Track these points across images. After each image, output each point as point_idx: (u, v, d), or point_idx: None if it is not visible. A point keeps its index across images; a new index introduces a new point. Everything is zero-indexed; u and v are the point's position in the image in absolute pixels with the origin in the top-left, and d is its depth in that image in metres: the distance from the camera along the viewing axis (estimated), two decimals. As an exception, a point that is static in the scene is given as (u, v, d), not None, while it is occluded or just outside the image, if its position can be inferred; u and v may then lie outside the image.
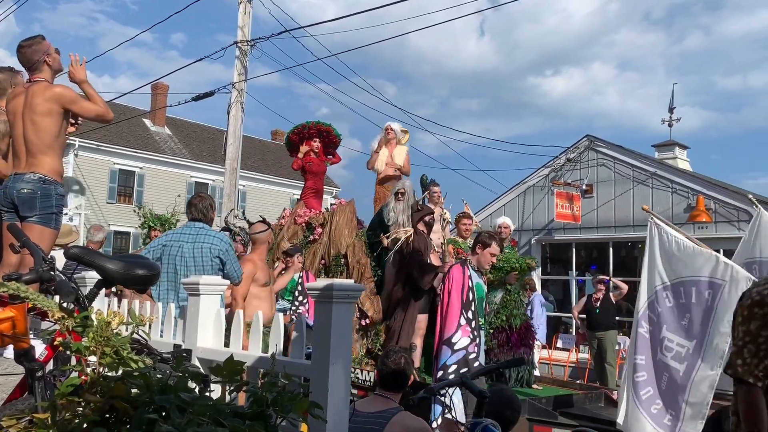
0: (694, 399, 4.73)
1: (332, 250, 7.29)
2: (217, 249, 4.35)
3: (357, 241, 7.34)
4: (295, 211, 8.18)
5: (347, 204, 7.73)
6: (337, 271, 7.24)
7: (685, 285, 4.95)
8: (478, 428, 2.53)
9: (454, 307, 4.79)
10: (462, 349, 4.63)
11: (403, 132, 8.33)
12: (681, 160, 13.25)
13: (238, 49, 12.20)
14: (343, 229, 7.37)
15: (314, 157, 8.32)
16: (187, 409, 1.33)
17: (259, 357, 2.54)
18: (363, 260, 7.09)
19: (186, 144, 31.07)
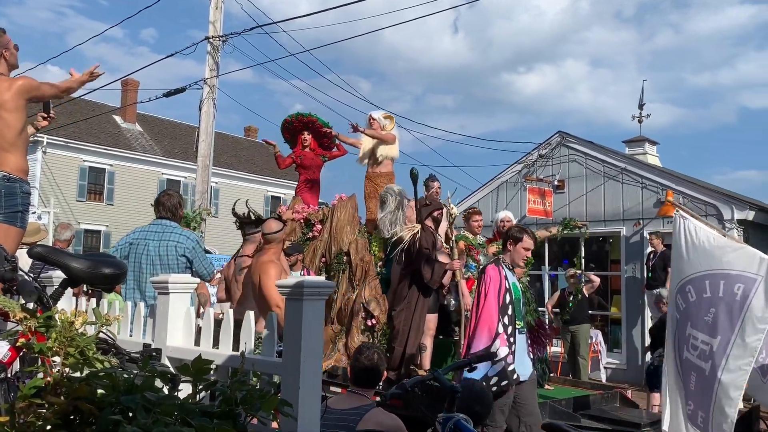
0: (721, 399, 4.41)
1: (333, 248, 7.03)
2: (183, 247, 4.27)
3: (360, 237, 7.05)
4: (293, 206, 7.88)
5: (348, 199, 7.36)
6: (339, 269, 6.96)
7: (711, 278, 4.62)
8: (450, 423, 2.54)
9: (491, 311, 4.30)
10: (501, 360, 4.20)
11: (387, 118, 7.77)
12: (651, 155, 13.44)
13: (209, 45, 12.07)
14: (344, 226, 7.08)
15: (307, 151, 7.98)
16: (153, 409, 1.32)
17: (230, 356, 2.52)
18: (367, 258, 6.85)
19: (157, 141, 30.68)
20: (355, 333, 6.46)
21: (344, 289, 6.83)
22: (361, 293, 6.58)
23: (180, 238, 4.31)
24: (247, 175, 31.68)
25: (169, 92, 12.97)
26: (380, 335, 6.46)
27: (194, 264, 4.29)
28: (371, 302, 6.52)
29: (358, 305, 6.54)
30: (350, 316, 6.62)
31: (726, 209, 9.66)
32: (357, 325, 6.50)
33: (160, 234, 4.31)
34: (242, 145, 35.44)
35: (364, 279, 6.71)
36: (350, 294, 6.76)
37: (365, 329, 6.53)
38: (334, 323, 6.81)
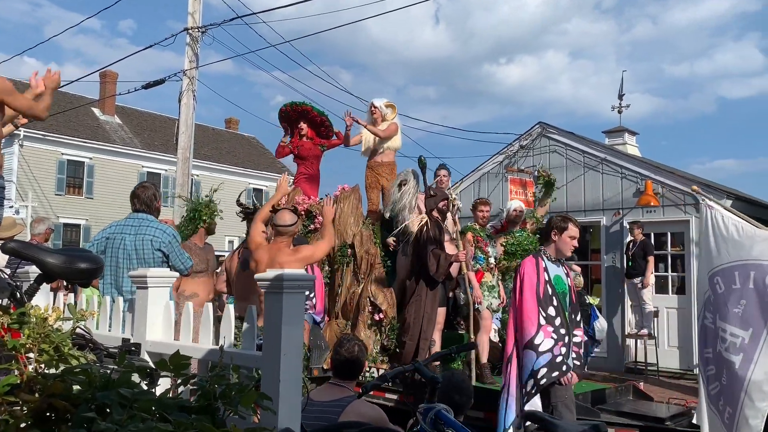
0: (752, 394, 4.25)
1: (337, 240, 6.77)
2: (158, 241, 4.20)
3: (364, 229, 6.88)
4: (292, 198, 7.51)
5: (352, 190, 7.14)
6: (343, 262, 6.79)
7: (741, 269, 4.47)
8: (431, 413, 2.55)
9: (528, 305, 4.13)
10: (547, 351, 4.02)
11: (389, 107, 7.51)
12: (630, 146, 13.54)
13: (188, 36, 11.95)
14: (348, 218, 6.89)
15: (305, 141, 7.71)
16: (129, 405, 1.31)
17: (210, 350, 2.50)
18: (372, 250, 6.67)
19: (137, 133, 30.36)
20: (362, 328, 6.29)
21: (349, 282, 6.67)
22: (367, 287, 6.41)
23: (156, 232, 4.24)
24: (228, 167, 31.47)
25: (149, 84, 12.82)
26: (388, 330, 6.29)
27: (170, 258, 4.23)
28: (378, 296, 6.35)
29: (364, 299, 6.37)
30: (356, 310, 6.45)
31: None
32: (363, 319, 6.33)
33: (137, 228, 4.25)
34: (223, 137, 35.18)
35: (370, 272, 6.55)
36: (355, 288, 6.59)
37: (372, 324, 6.37)
38: (338, 318, 6.63)
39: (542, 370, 3.99)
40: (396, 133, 7.33)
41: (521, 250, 6.99)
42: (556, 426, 2.66)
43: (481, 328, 6.28)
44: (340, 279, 6.76)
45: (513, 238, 7.18)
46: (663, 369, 9.64)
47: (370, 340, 6.25)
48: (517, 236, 7.21)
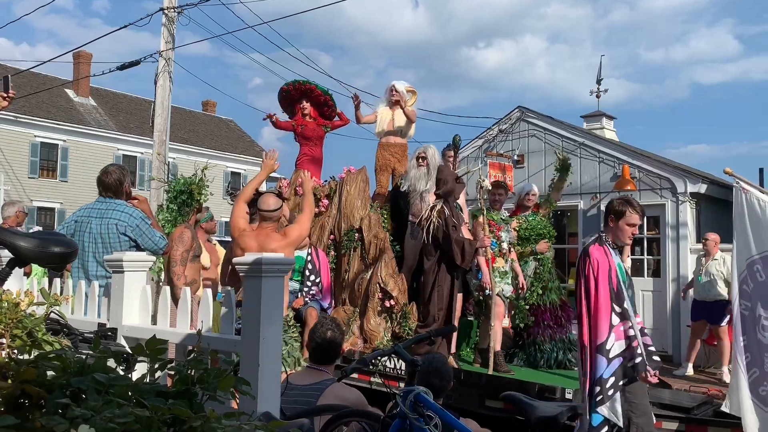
0: None
1: (343, 224, 6.58)
2: (124, 225, 4.07)
3: (373, 213, 6.60)
4: (296, 180, 7.21)
5: (358, 172, 6.86)
6: (350, 247, 6.54)
7: None
8: (410, 395, 2.56)
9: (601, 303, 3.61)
10: (618, 356, 3.56)
11: (410, 92, 7.17)
12: (608, 130, 13.64)
13: (164, 16, 11.74)
14: (355, 201, 6.61)
15: (309, 121, 7.43)
16: (104, 391, 1.29)
17: (188, 334, 2.48)
18: (381, 235, 6.41)
19: (112, 115, 29.89)
20: (371, 315, 6.12)
21: (356, 267, 6.48)
22: (377, 272, 6.18)
23: (122, 215, 4.10)
24: (205, 150, 31.13)
25: (124, 65, 12.61)
26: (399, 317, 6.08)
27: (139, 242, 4.10)
28: (389, 282, 6.13)
29: (374, 285, 6.16)
30: (364, 296, 6.25)
31: (679, 182, 9.89)
32: (373, 306, 6.14)
33: (103, 212, 4.12)
34: (200, 119, 34.78)
35: (379, 257, 6.30)
36: (363, 273, 6.40)
37: (382, 310, 6.15)
38: (346, 304, 6.45)
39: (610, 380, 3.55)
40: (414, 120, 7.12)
41: (535, 235, 6.78)
42: (532, 407, 2.69)
43: (493, 315, 6.11)
44: (346, 264, 6.57)
45: (526, 222, 6.89)
46: (638, 351, 9.81)
47: (380, 327, 6.08)
48: (530, 220, 6.93)
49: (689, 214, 9.80)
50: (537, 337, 6.48)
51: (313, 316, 5.62)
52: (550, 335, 6.48)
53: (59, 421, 1.13)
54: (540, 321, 6.50)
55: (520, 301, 6.46)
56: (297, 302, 5.84)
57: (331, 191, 6.90)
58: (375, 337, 6.02)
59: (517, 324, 6.56)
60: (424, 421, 2.51)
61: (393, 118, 7.01)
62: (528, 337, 6.52)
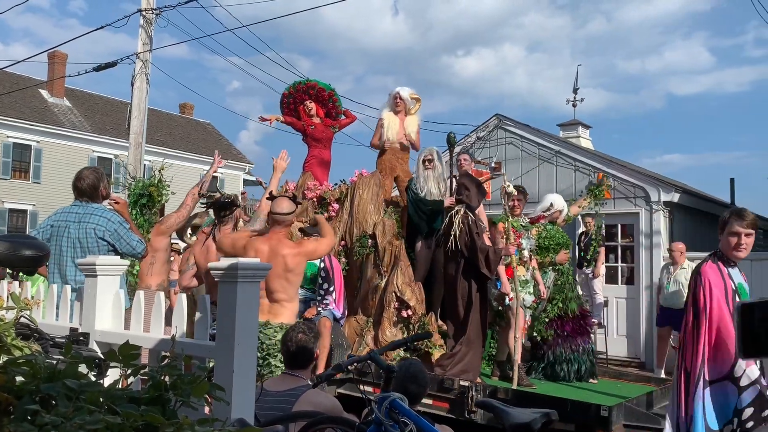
0: None
1: (355, 230, 6.30)
2: (102, 230, 4.02)
3: (387, 218, 6.31)
4: (304, 183, 6.97)
5: (371, 175, 6.59)
6: (362, 253, 6.23)
7: None
8: (385, 402, 2.56)
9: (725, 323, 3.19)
10: (752, 383, 3.13)
11: (414, 99, 7.00)
12: (584, 139, 13.79)
13: (142, 18, 11.64)
14: (368, 205, 6.34)
15: (318, 122, 7.22)
16: (75, 397, 1.27)
17: (161, 339, 2.46)
18: (396, 241, 6.13)
19: (87, 117, 29.49)
20: (387, 325, 5.83)
21: (369, 275, 6.21)
22: (393, 280, 5.91)
23: (99, 220, 4.04)
24: (182, 153, 30.86)
25: (100, 66, 12.46)
26: (417, 327, 5.77)
27: (117, 247, 4.05)
28: (405, 291, 5.84)
29: (389, 294, 5.90)
30: (379, 306, 5.99)
31: (653, 191, 10.03)
32: (389, 316, 5.87)
33: (81, 216, 4.06)
34: (177, 122, 34.47)
35: (395, 265, 6.01)
36: (377, 281, 6.11)
37: (398, 321, 5.86)
38: (358, 314, 6.18)
39: (748, 410, 3.12)
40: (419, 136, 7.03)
41: (554, 244, 6.55)
42: (507, 413, 2.70)
43: (512, 326, 5.91)
44: (358, 271, 6.30)
45: (545, 231, 6.63)
46: (612, 357, 9.90)
47: (397, 338, 5.75)
48: (549, 229, 6.66)
49: (662, 222, 9.94)
50: (556, 349, 6.28)
51: (326, 326, 5.39)
52: (571, 347, 6.28)
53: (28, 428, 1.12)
54: (561, 332, 6.29)
55: (541, 314, 6.24)
56: (309, 312, 5.60)
57: (342, 195, 6.65)
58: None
59: (534, 336, 6.34)
60: (399, 427, 2.50)
61: (399, 125, 6.86)
62: (547, 349, 6.31)
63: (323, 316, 5.51)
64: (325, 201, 6.73)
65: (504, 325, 6.12)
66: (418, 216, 6.16)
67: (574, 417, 4.68)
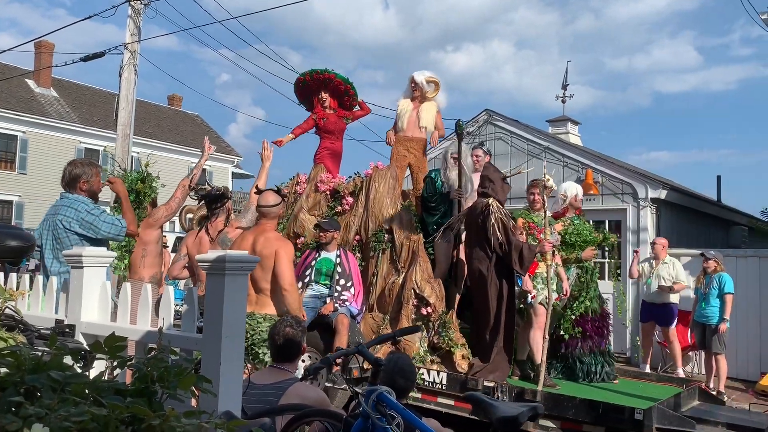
0: None
1: (371, 224, 6.06)
2: (69, 220, 3.94)
3: (404, 212, 6.06)
4: (316, 175, 6.72)
5: (387, 168, 6.32)
6: (379, 248, 6.00)
7: None
8: (373, 395, 2.56)
9: None
10: None
11: (431, 83, 6.58)
12: (573, 135, 13.84)
13: (130, 8, 11.54)
14: (384, 199, 6.09)
15: (330, 113, 6.98)
16: (59, 389, 1.26)
17: (148, 331, 2.44)
18: (414, 236, 5.89)
19: (75, 107, 29.23)
20: (405, 323, 5.57)
21: (385, 271, 5.97)
22: (411, 277, 5.68)
23: (67, 211, 3.97)
24: (170, 145, 30.65)
25: (88, 56, 12.36)
26: (438, 325, 5.52)
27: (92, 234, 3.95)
28: (425, 287, 5.59)
29: (407, 291, 5.67)
30: (396, 303, 5.77)
31: (641, 188, 10.09)
32: (407, 314, 5.64)
33: (57, 208, 3.99)
34: (165, 114, 34.24)
35: (413, 260, 5.76)
36: (394, 277, 5.88)
37: (417, 318, 5.62)
38: (374, 310, 5.94)
39: None
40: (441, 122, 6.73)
41: (581, 241, 6.20)
42: (494, 407, 2.72)
43: (534, 325, 5.72)
44: (374, 267, 6.05)
45: (573, 227, 6.24)
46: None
47: (416, 336, 5.53)
48: (576, 225, 6.28)
49: (650, 218, 10.00)
50: (576, 349, 6.06)
51: (344, 323, 5.28)
52: (590, 347, 6.07)
53: (12, 420, 1.11)
54: (582, 331, 6.08)
55: (566, 311, 6.05)
56: (326, 308, 5.48)
57: (356, 188, 6.43)
58: (410, 347, 5.48)
59: (561, 335, 6.08)
60: (386, 420, 2.51)
61: (413, 112, 6.56)
62: (566, 348, 6.10)
63: (341, 313, 5.39)
64: (338, 194, 6.53)
65: (524, 324, 5.93)
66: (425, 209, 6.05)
67: (607, 420, 4.52)
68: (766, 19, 8.82)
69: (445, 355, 5.51)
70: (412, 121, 6.57)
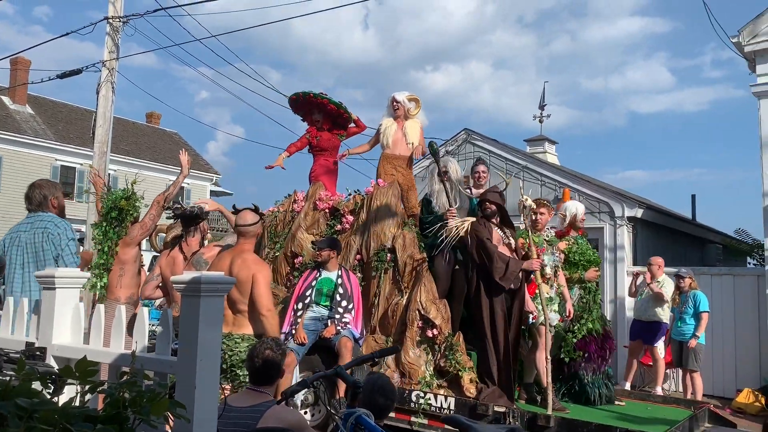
0: None
1: (372, 243, 5.90)
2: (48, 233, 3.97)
3: (407, 231, 5.91)
4: (314, 193, 6.61)
5: (389, 186, 6.17)
6: (381, 268, 5.82)
7: None
8: (351, 417, 2.54)
9: None
10: None
11: (412, 101, 6.65)
12: (550, 154, 13.98)
13: (109, 26, 11.49)
14: (385, 217, 5.95)
15: (324, 132, 6.99)
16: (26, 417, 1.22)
17: (122, 354, 2.40)
18: (417, 255, 5.73)
19: (51, 125, 28.89)
20: (410, 345, 5.40)
21: (388, 291, 5.78)
22: (416, 297, 5.49)
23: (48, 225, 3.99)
24: (148, 162, 30.37)
25: (64, 73, 12.26)
26: (444, 348, 5.34)
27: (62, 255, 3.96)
28: (430, 309, 5.42)
29: (412, 312, 5.46)
30: (399, 324, 5.59)
31: (617, 207, 10.20)
32: (412, 336, 5.43)
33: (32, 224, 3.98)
34: (143, 131, 34.00)
35: (417, 280, 5.61)
36: (397, 298, 5.70)
37: (423, 341, 5.43)
38: (376, 333, 5.74)
39: None
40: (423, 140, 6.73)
41: (584, 261, 6.14)
42: (473, 429, 2.70)
43: (538, 346, 5.62)
44: (376, 287, 5.87)
45: (576, 246, 6.20)
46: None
47: (421, 360, 5.37)
48: (580, 244, 6.23)
49: (626, 237, 10.10)
50: (579, 370, 5.95)
51: (348, 347, 5.15)
52: (594, 369, 5.97)
53: (-25, 450, 1.07)
54: (585, 353, 5.96)
55: (568, 334, 5.95)
56: (328, 331, 5.31)
57: (356, 206, 6.30)
58: (415, 371, 5.34)
59: (562, 357, 5.97)
60: (364, 443, 2.48)
61: (398, 130, 6.58)
62: (569, 370, 5.97)
63: (344, 336, 5.24)
64: (338, 212, 6.40)
65: (529, 346, 5.84)
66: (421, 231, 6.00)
67: None
68: (736, 42, 9.02)
69: (452, 379, 5.33)
70: (399, 139, 6.55)
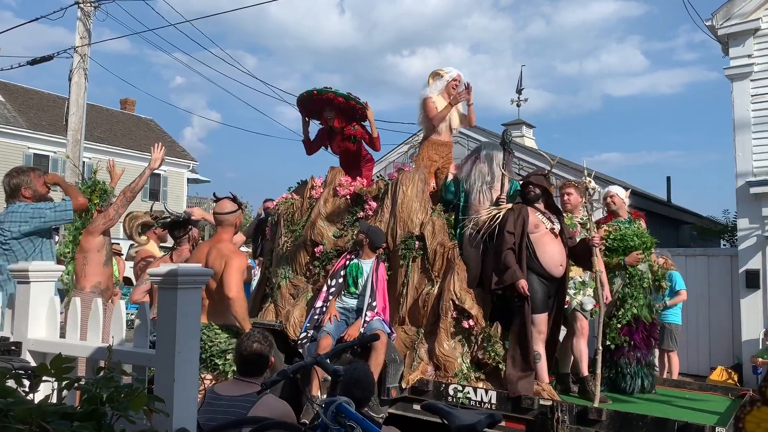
0: None
1: (399, 230, 5.60)
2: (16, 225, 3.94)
3: (436, 217, 5.63)
4: (333, 179, 6.26)
5: (415, 170, 5.89)
6: (409, 256, 5.54)
7: None
8: (332, 406, 2.54)
9: None
10: None
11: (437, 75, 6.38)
12: (528, 138, 14.05)
13: (80, 10, 11.28)
14: (413, 203, 5.65)
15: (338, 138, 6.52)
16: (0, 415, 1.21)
17: (98, 348, 2.37)
18: (448, 243, 5.45)
19: (22, 112, 28.34)
20: (444, 337, 5.14)
21: (417, 281, 5.50)
22: (449, 287, 5.24)
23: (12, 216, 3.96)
24: (123, 150, 29.97)
25: (35, 60, 12.04)
26: (481, 339, 5.11)
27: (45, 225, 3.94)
28: (465, 298, 5.15)
29: (446, 302, 5.21)
30: (432, 315, 5.34)
31: (594, 190, 10.27)
32: (446, 327, 5.17)
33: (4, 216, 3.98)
34: (117, 118, 33.50)
35: (448, 269, 5.35)
36: (427, 287, 5.44)
37: (458, 332, 5.17)
38: (405, 324, 5.48)
39: None
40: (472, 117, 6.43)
41: (623, 247, 5.81)
42: (452, 415, 2.73)
43: (576, 332, 5.40)
44: (404, 277, 5.59)
45: (617, 231, 5.92)
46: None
47: (456, 351, 5.12)
48: (623, 229, 5.93)
49: (603, 220, 10.18)
50: (620, 359, 5.68)
51: (383, 342, 4.93)
52: (637, 358, 5.69)
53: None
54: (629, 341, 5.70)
55: (612, 320, 5.69)
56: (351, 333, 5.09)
57: (380, 192, 5.97)
58: (451, 363, 5.08)
59: (608, 345, 5.64)
60: (344, 431, 2.49)
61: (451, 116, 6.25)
62: (611, 358, 5.67)
63: (378, 329, 4.95)
64: (360, 198, 6.05)
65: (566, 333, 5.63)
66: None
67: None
68: (710, 26, 9.10)
69: (491, 372, 5.11)
70: (447, 126, 6.29)
